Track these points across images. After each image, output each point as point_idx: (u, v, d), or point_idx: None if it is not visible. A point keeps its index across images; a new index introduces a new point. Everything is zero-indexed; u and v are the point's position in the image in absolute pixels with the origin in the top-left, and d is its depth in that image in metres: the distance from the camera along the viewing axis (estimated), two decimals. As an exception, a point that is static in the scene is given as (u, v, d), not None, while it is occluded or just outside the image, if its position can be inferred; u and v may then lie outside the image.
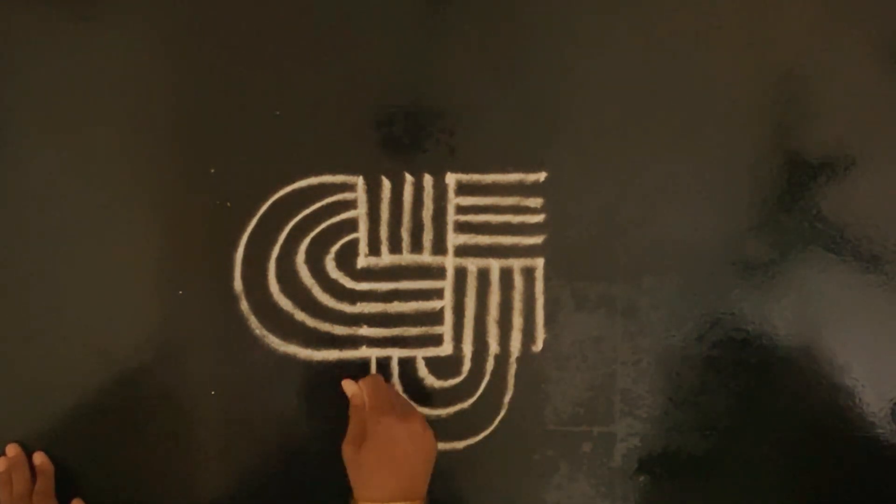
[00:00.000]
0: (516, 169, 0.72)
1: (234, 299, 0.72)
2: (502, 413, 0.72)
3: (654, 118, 0.72)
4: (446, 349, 0.72)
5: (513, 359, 0.72)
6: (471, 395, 0.72)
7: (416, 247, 0.72)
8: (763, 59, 0.72)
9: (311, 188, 0.72)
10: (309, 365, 0.72)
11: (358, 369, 0.72)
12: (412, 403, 0.70)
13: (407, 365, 0.72)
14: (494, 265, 0.72)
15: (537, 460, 0.72)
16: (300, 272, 0.72)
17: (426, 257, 0.72)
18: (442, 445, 0.71)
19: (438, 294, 0.72)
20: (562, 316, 0.72)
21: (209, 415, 0.72)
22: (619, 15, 0.72)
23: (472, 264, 0.72)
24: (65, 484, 0.72)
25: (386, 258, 0.72)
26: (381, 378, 0.69)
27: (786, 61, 0.72)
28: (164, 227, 0.72)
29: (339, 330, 0.72)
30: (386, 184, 0.72)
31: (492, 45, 0.72)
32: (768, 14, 0.71)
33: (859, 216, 0.72)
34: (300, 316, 0.72)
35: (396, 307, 0.72)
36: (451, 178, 0.72)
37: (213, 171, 0.72)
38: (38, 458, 0.71)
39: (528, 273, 0.72)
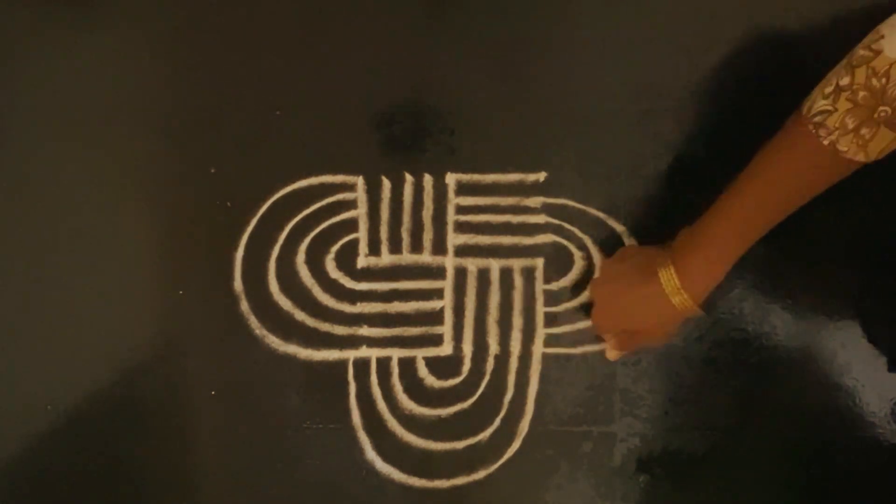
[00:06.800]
0: (516, 169, 0.72)
1: (234, 299, 0.72)
2: (502, 413, 0.72)
3: (655, 118, 0.72)
4: (446, 349, 0.72)
5: (513, 359, 0.72)
6: (471, 395, 0.72)
7: (416, 247, 0.72)
8: (768, 54, 0.71)
9: (311, 188, 0.72)
10: (309, 365, 0.72)
11: (358, 369, 0.72)
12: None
13: (407, 365, 0.72)
14: (494, 265, 0.72)
15: (537, 460, 0.72)
16: (300, 272, 0.72)
17: (426, 257, 0.72)
18: (442, 446, 0.72)
19: (438, 294, 0.72)
20: (562, 316, 0.72)
21: (209, 415, 0.72)
22: (620, 14, 0.72)
23: (472, 264, 0.72)
24: (65, 484, 0.72)
25: (386, 258, 0.72)
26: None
27: (789, 60, 0.71)
28: (164, 228, 0.72)
29: (339, 330, 0.72)
30: (386, 184, 0.72)
31: (492, 45, 0.72)
32: (772, 12, 0.71)
33: (859, 216, 0.72)
34: (300, 316, 0.72)
35: (396, 307, 0.72)
36: (451, 178, 0.72)
37: (213, 171, 0.72)
38: None
39: (528, 273, 0.72)
